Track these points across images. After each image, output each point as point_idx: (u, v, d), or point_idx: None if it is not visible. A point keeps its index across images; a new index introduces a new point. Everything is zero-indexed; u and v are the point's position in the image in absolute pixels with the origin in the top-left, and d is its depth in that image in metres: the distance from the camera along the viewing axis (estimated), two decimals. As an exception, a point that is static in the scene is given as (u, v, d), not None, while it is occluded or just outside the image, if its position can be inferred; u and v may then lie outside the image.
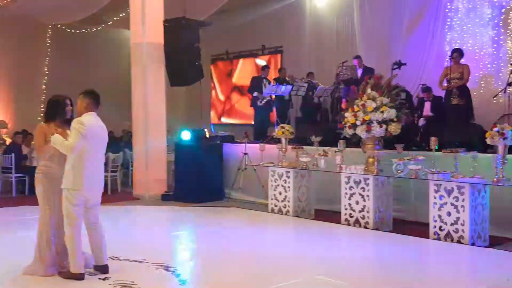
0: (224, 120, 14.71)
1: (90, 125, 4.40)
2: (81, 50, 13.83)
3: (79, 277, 4.38)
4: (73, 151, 4.34)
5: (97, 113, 4.56)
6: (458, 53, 8.18)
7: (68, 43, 13.61)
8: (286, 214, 7.39)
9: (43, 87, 13.51)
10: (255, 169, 8.35)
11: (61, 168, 4.43)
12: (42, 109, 13.15)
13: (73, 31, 13.54)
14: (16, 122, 13.05)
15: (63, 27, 13.45)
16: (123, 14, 11.78)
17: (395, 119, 6.47)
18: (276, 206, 7.55)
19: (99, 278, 4.42)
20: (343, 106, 6.69)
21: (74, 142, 4.31)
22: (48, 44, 13.66)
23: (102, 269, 4.54)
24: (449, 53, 8.52)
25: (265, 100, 10.12)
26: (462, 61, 8.26)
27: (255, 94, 10.27)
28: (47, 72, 13.62)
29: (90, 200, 4.48)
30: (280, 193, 7.49)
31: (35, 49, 13.38)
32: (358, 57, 9.89)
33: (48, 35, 13.65)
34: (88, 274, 4.46)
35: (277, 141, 7.89)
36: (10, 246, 5.62)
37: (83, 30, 13.67)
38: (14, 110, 13.26)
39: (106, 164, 9.66)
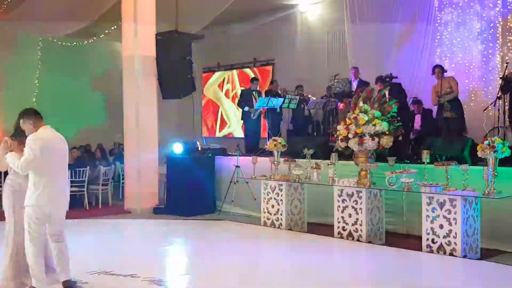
0: (216, 133, 14.69)
1: (45, 138, 4.31)
2: (72, 63, 13.76)
3: None
4: (23, 171, 4.26)
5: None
6: (439, 68, 8.31)
7: (59, 55, 13.55)
8: (278, 227, 7.35)
9: (34, 99, 13.38)
10: (247, 182, 8.32)
11: (27, 182, 4.36)
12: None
13: (64, 43, 13.49)
14: (5, 135, 12.90)
15: (54, 40, 13.39)
16: (115, 26, 11.78)
17: (387, 132, 6.51)
18: (268, 219, 7.52)
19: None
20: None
21: (24, 161, 4.21)
22: (39, 57, 13.59)
23: (66, 284, 4.40)
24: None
25: (258, 114, 10.12)
26: (448, 74, 8.36)
27: (246, 108, 10.20)
28: (37, 85, 13.53)
29: (53, 215, 4.38)
30: (272, 206, 7.46)
31: (26, 62, 13.29)
32: (355, 68, 9.95)
33: (39, 47, 13.59)
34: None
35: (269, 154, 7.89)
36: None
37: (74, 43, 13.63)
38: (3, 123, 13.12)
39: (97, 177, 9.67)
